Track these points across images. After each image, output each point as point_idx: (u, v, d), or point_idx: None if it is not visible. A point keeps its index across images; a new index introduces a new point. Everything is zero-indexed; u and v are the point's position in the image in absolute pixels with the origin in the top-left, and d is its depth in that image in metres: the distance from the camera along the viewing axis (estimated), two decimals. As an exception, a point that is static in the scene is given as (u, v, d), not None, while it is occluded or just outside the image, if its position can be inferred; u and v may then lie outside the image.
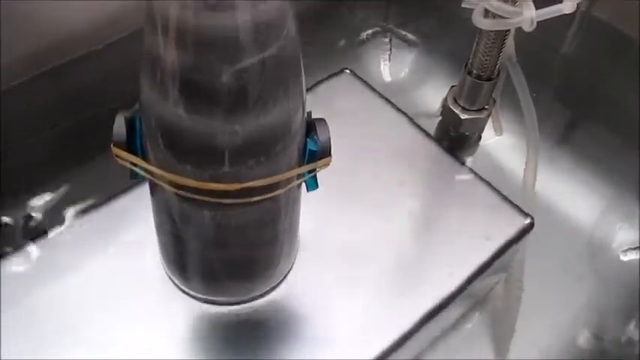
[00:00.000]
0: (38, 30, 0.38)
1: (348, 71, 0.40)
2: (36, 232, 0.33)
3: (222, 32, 0.19)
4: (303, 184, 0.26)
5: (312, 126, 0.24)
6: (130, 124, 0.23)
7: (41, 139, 0.39)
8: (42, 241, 0.32)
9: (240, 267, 0.28)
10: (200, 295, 0.29)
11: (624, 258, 0.39)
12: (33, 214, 0.36)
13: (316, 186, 0.26)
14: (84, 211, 0.33)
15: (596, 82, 0.46)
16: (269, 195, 0.23)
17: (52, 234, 0.32)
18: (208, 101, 0.21)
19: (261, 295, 0.30)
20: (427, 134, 0.38)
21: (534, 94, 0.37)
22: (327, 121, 0.25)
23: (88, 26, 0.39)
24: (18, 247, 0.32)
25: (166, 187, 0.23)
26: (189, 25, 0.19)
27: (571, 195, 0.41)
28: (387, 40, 0.48)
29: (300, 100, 0.23)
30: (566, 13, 0.32)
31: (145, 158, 0.24)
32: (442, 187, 0.36)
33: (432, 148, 0.37)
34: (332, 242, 0.32)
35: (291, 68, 0.22)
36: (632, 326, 0.37)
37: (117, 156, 0.23)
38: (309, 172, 0.25)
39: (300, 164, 0.24)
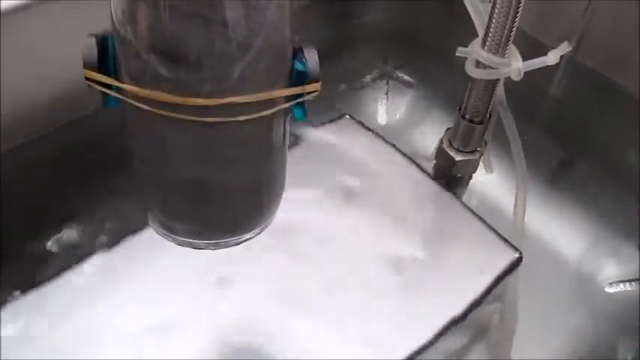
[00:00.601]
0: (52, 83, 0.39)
1: (347, 116, 0.42)
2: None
3: None
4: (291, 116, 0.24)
5: (300, 50, 0.23)
6: (102, 45, 0.22)
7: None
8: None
9: (222, 200, 0.25)
10: (181, 238, 0.27)
11: (609, 290, 0.41)
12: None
13: (304, 115, 0.24)
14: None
15: (583, 123, 0.48)
16: (254, 115, 0.22)
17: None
18: (191, 8, 0.19)
19: (247, 239, 0.27)
20: (425, 173, 0.40)
21: (525, 137, 0.39)
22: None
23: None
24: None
25: (142, 106, 0.21)
26: None
27: (559, 231, 0.43)
28: (385, 82, 0.50)
29: (285, 14, 0.22)
30: (550, 64, 0.34)
31: (118, 79, 0.22)
32: (438, 222, 0.38)
33: (430, 186, 0.39)
34: (328, 273, 0.34)
35: None
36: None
37: (88, 79, 0.22)
38: (297, 96, 0.23)
39: (288, 87, 0.23)
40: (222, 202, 0.26)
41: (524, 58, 0.35)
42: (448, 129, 0.41)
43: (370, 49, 0.52)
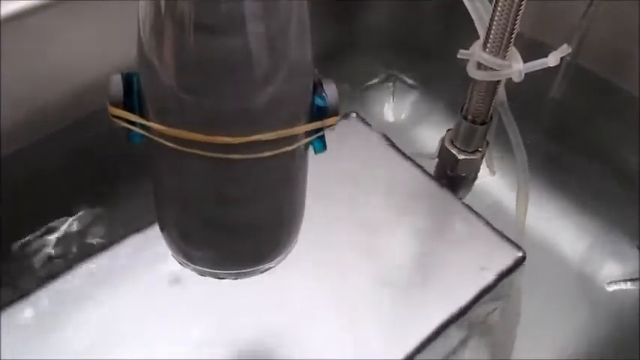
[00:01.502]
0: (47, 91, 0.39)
1: (354, 115, 0.42)
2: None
3: None
4: (311, 148, 0.25)
5: (319, 84, 0.23)
6: (127, 83, 0.22)
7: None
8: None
9: (244, 234, 0.26)
10: (203, 268, 0.28)
11: (610, 289, 0.41)
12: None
13: (324, 147, 0.24)
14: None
15: (583, 124, 0.49)
16: (275, 152, 0.22)
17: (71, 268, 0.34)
18: (216, 53, 0.20)
19: (268, 269, 0.28)
20: (427, 173, 0.40)
21: (527, 141, 0.40)
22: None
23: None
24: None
25: (168, 144, 0.22)
26: None
27: (560, 230, 0.43)
28: (391, 84, 0.51)
29: (307, 52, 0.22)
30: (551, 66, 0.35)
31: (142, 116, 0.22)
32: (441, 221, 0.38)
33: (432, 186, 0.40)
34: (331, 270, 0.34)
35: (300, 20, 0.21)
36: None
37: (114, 116, 0.22)
38: (317, 130, 0.24)
39: (308, 122, 0.23)
40: (243, 234, 0.26)
41: (525, 60, 0.35)
42: (450, 129, 0.42)
43: (373, 53, 0.53)
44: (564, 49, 0.35)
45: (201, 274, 0.28)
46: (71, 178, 0.40)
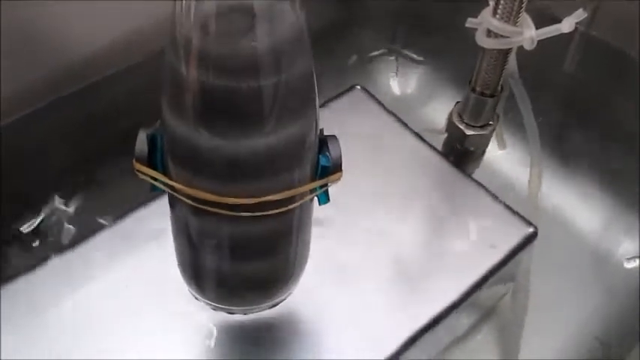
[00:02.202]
0: (57, 53, 0.39)
1: (358, 87, 0.41)
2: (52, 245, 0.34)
3: (241, 57, 0.21)
4: (315, 198, 0.27)
5: (324, 142, 0.26)
6: (152, 141, 0.24)
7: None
8: (60, 254, 0.33)
9: (254, 277, 0.29)
10: (215, 304, 0.31)
11: (628, 266, 0.40)
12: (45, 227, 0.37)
13: (328, 200, 0.27)
14: (101, 225, 0.34)
15: (598, 96, 0.47)
16: (284, 209, 0.25)
17: (72, 246, 0.33)
18: (227, 122, 0.22)
19: (276, 304, 0.31)
20: (434, 148, 0.39)
21: (539, 115, 0.39)
22: (338, 134, 0.26)
23: (107, 48, 0.41)
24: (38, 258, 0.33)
25: (185, 200, 0.24)
26: (209, 49, 0.20)
27: (575, 206, 0.42)
28: (394, 59, 0.50)
29: (314, 118, 0.24)
30: (565, 32, 0.33)
31: (165, 173, 0.25)
32: (449, 198, 0.37)
33: (439, 161, 0.39)
34: (341, 250, 0.34)
35: (306, 87, 0.23)
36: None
37: (138, 171, 0.24)
38: (321, 186, 0.26)
39: (313, 179, 0.26)
40: (252, 280, 0.29)
41: (538, 28, 0.34)
42: (458, 102, 0.41)
43: (377, 25, 0.52)
44: (579, 14, 0.33)
45: (214, 309, 0.31)
46: (69, 152, 0.40)
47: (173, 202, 0.27)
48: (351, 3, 0.52)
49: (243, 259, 0.27)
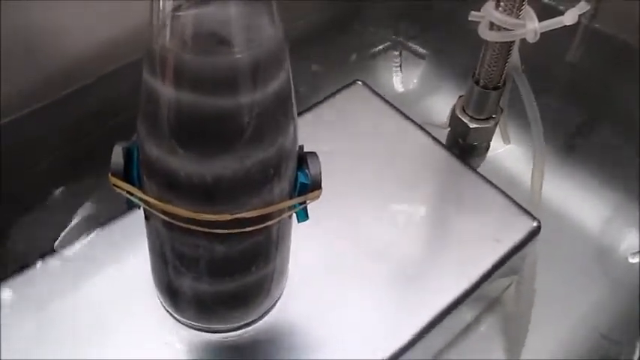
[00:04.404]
0: (44, 59, 0.39)
1: (360, 82, 0.41)
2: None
3: (218, 75, 0.20)
4: (294, 215, 0.26)
5: (303, 159, 0.25)
6: (128, 155, 0.24)
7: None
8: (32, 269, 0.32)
9: (232, 295, 0.28)
10: (192, 323, 0.30)
11: (632, 260, 0.40)
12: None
13: (306, 217, 0.26)
14: (78, 235, 0.33)
15: (601, 90, 0.47)
16: (260, 226, 0.24)
17: (44, 259, 0.32)
18: (201, 139, 0.21)
19: (255, 321, 0.30)
20: (438, 142, 0.39)
21: (543, 108, 0.38)
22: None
23: (92, 54, 0.40)
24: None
25: (161, 216, 0.24)
26: (185, 68, 0.20)
27: (580, 200, 0.42)
28: (398, 53, 0.50)
29: (292, 135, 0.24)
30: (568, 24, 0.33)
31: (141, 188, 0.24)
32: (452, 191, 0.37)
33: (443, 155, 0.38)
34: (345, 245, 0.33)
35: (284, 104, 0.22)
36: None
37: (114, 185, 0.24)
38: (300, 204, 0.25)
39: (292, 196, 0.25)
40: (229, 299, 0.28)
41: (541, 21, 0.34)
42: (461, 96, 0.40)
43: (382, 19, 0.52)
44: (582, 6, 0.33)
45: (190, 326, 0.30)
46: (69, 149, 0.40)
47: (149, 218, 0.26)
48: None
49: (219, 276, 0.27)
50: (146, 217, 0.26)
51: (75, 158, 0.40)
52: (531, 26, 0.33)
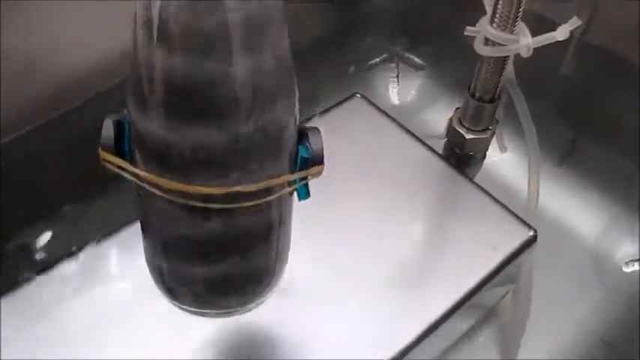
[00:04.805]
0: (42, 78, 0.39)
1: (358, 95, 0.42)
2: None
3: (212, 33, 0.19)
4: (295, 194, 0.25)
5: (304, 134, 0.24)
6: (119, 128, 0.23)
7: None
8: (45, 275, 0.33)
9: (229, 277, 0.26)
10: (188, 308, 0.28)
11: (627, 269, 0.41)
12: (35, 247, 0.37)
13: (308, 195, 0.25)
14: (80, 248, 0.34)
15: (594, 101, 0.48)
16: (258, 201, 0.23)
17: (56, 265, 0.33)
18: (197, 107, 0.20)
19: (250, 309, 0.29)
20: (435, 152, 0.40)
21: (538, 119, 0.39)
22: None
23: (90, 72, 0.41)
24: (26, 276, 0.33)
25: (154, 190, 0.22)
26: (177, 25, 0.19)
27: (575, 210, 0.43)
28: (395, 65, 0.51)
29: (291, 105, 0.22)
30: (560, 40, 0.34)
31: (132, 162, 0.23)
32: (450, 201, 0.38)
33: (440, 165, 0.39)
34: (343, 254, 0.34)
35: (281, 73, 0.21)
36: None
37: (104, 160, 0.23)
38: (301, 179, 0.24)
39: (292, 172, 0.24)
40: (225, 280, 0.26)
41: (534, 36, 0.35)
42: (458, 108, 0.41)
43: (378, 32, 0.53)
44: (574, 22, 0.34)
45: (186, 311, 0.28)
46: (67, 168, 0.40)
47: (141, 195, 0.24)
48: (352, 10, 0.53)
49: (216, 256, 0.25)
50: (139, 194, 0.25)
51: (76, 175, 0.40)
52: (525, 41, 0.34)
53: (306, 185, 0.25)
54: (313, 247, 0.33)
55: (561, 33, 0.34)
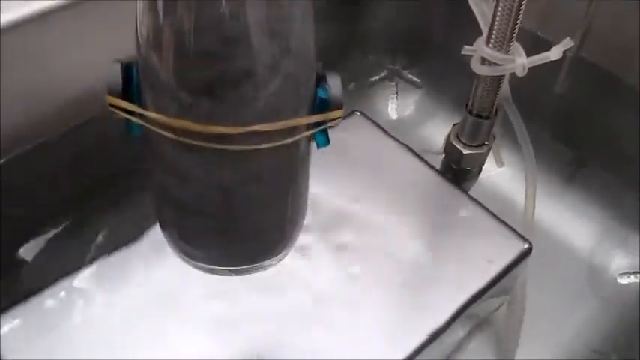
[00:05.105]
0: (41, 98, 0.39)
1: (358, 113, 0.43)
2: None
3: None
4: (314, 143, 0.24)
5: (323, 78, 0.23)
6: (126, 72, 0.22)
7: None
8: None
9: (244, 230, 0.25)
10: (205, 265, 0.27)
11: (621, 281, 0.41)
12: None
13: (327, 142, 0.24)
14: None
15: (588, 118, 0.49)
16: (276, 143, 0.22)
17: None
18: (209, 41, 0.19)
19: (267, 266, 0.28)
20: (433, 168, 0.41)
21: (534, 136, 0.40)
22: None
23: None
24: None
25: (167, 134, 0.21)
26: None
27: (570, 223, 0.44)
28: (394, 83, 0.52)
29: (309, 43, 0.21)
30: (554, 59, 0.35)
31: (141, 106, 0.22)
32: (446, 215, 0.38)
33: (438, 181, 0.40)
34: (340, 266, 0.35)
35: (301, 9, 0.21)
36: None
37: (111, 105, 0.21)
38: (319, 124, 0.23)
39: (310, 115, 0.23)
40: (243, 230, 0.25)
41: (529, 55, 0.36)
42: (455, 124, 0.42)
43: (376, 51, 0.54)
44: (566, 43, 0.35)
45: (200, 269, 0.27)
46: (71, 184, 0.40)
47: (151, 142, 0.23)
48: (353, 29, 0.54)
49: (230, 206, 0.24)
50: (149, 143, 0.23)
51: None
52: (520, 61, 0.36)
53: (325, 131, 0.24)
54: (310, 260, 0.33)
55: (555, 53, 0.35)
